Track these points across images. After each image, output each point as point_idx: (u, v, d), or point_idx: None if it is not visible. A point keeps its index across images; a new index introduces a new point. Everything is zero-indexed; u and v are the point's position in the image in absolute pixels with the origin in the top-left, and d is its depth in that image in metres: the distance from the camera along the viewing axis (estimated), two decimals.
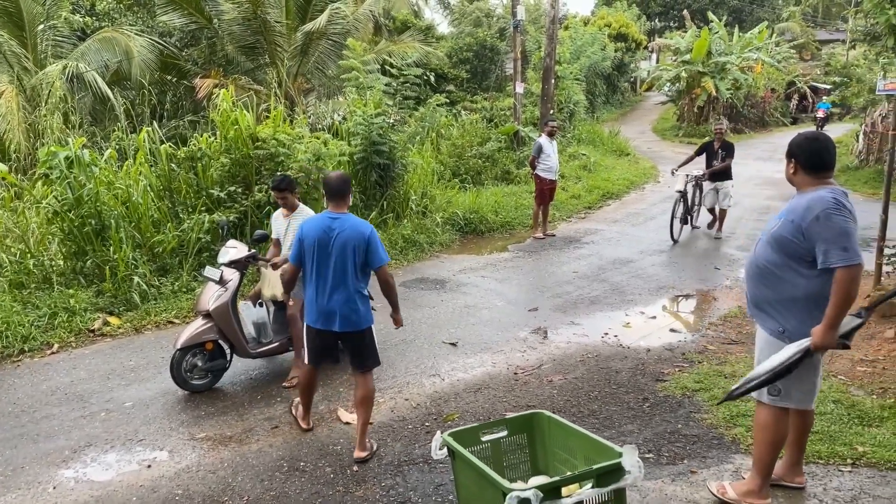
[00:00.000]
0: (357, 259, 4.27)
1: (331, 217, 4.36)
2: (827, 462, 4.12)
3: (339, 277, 4.28)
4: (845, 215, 3.28)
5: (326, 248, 4.28)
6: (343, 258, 4.25)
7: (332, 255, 4.26)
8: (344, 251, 4.25)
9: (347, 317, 4.31)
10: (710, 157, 10.83)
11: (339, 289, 4.29)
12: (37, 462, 4.52)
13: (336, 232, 4.28)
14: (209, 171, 9.00)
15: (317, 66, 17.22)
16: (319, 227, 4.35)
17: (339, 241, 4.25)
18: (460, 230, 11.23)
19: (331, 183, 4.44)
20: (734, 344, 6.43)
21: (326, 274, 4.28)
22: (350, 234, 4.27)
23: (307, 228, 4.38)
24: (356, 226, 4.33)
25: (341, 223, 4.32)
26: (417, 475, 4.23)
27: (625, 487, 2.45)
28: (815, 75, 34.06)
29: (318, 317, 4.36)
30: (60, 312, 6.96)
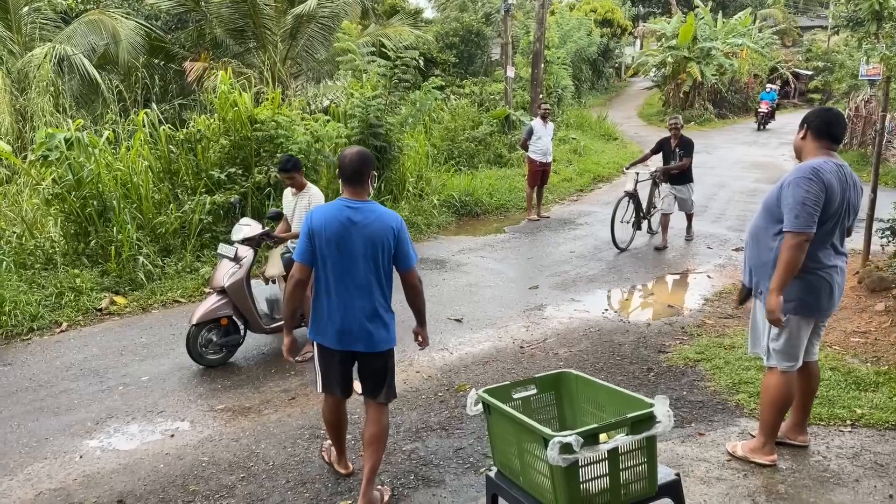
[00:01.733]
0: (385, 260, 3.44)
1: (349, 206, 3.43)
2: (828, 423, 4.32)
3: (363, 284, 3.43)
4: (811, 187, 3.44)
5: (345, 247, 3.39)
6: (368, 259, 3.40)
7: (354, 256, 3.40)
8: (369, 250, 3.39)
9: (371, 335, 3.47)
10: (667, 156, 9.51)
11: (362, 298, 3.44)
12: (60, 433, 4.60)
13: (358, 225, 3.39)
14: (208, 152, 9.03)
15: (306, 49, 17.17)
16: (335, 219, 3.41)
17: (363, 238, 3.38)
18: (456, 212, 11.36)
19: (346, 162, 3.47)
20: (731, 318, 6.63)
21: (345, 279, 3.42)
22: (377, 229, 3.39)
23: (318, 220, 3.45)
24: (383, 217, 3.45)
25: (364, 214, 3.42)
26: (436, 440, 4.38)
27: (656, 435, 2.60)
28: (797, 61, 34.48)
29: (335, 334, 3.49)
30: (67, 292, 7.01)
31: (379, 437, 3.61)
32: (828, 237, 3.58)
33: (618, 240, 9.04)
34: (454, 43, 25.09)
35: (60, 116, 12.11)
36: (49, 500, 3.84)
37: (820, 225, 3.50)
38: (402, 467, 4.05)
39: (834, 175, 3.50)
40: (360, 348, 3.51)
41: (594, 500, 2.57)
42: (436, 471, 4.01)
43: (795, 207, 3.44)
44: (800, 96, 33.37)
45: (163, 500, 3.81)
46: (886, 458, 3.85)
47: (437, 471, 4.01)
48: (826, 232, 3.56)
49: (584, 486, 2.53)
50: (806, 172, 3.48)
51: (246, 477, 4.02)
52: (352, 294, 3.44)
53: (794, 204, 3.45)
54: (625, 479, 2.61)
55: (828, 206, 3.48)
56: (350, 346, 3.50)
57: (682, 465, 3.83)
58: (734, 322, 6.48)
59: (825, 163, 3.53)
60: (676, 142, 9.32)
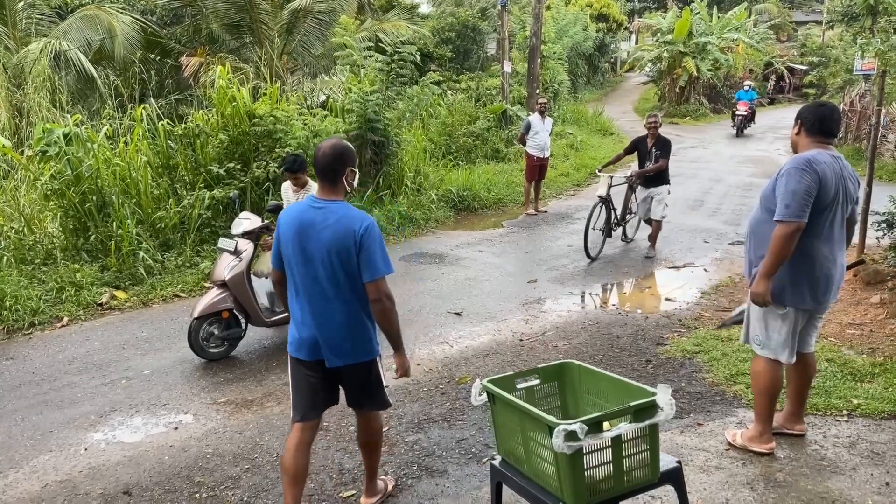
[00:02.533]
0: (345, 266, 3.07)
1: (314, 206, 3.13)
2: (825, 413, 4.38)
3: (326, 290, 3.10)
4: (803, 177, 3.48)
5: (306, 251, 3.10)
6: (327, 266, 3.07)
7: (314, 261, 3.09)
8: (325, 256, 3.06)
9: (338, 346, 3.16)
10: (643, 157, 8.77)
11: (331, 306, 3.12)
12: (64, 426, 4.63)
13: (317, 228, 3.07)
14: (207, 147, 9.05)
15: (302, 44, 17.17)
16: (298, 220, 3.13)
17: (321, 242, 3.06)
18: (454, 207, 11.40)
19: (318, 155, 3.15)
20: (728, 311, 6.68)
21: (312, 285, 3.12)
22: (334, 233, 3.04)
23: (283, 221, 3.21)
24: (345, 220, 3.06)
25: (325, 215, 3.08)
26: (438, 431, 4.42)
27: (658, 423, 2.65)
28: (792, 56, 34.58)
29: (305, 345, 3.19)
30: (67, 287, 7.03)
31: (372, 443, 3.49)
32: (824, 228, 3.61)
33: (589, 248, 8.43)
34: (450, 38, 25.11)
35: (57, 112, 12.11)
36: (55, 492, 3.87)
37: (816, 215, 3.54)
38: (406, 458, 4.10)
39: (829, 166, 3.54)
40: (333, 360, 3.18)
41: (598, 487, 2.62)
42: (439, 461, 4.06)
43: (787, 196, 3.49)
44: (794, 91, 33.49)
45: (168, 492, 3.84)
46: (883, 447, 3.91)
47: (441, 461, 4.05)
48: (822, 222, 3.59)
49: (589, 472, 2.58)
50: (799, 163, 3.53)
51: (250, 468, 4.06)
52: (320, 301, 3.12)
53: (786, 193, 3.50)
54: (628, 466, 2.66)
55: (823, 196, 3.52)
56: (320, 357, 3.18)
57: (681, 455, 3.89)
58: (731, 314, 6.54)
59: (819, 154, 3.58)
60: (653, 141, 8.56)
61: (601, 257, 8.68)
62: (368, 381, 3.33)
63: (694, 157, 17.44)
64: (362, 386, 3.33)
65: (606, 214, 8.67)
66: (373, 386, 3.35)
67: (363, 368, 3.28)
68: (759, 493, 3.50)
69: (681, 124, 24.34)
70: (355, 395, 3.37)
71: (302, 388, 3.31)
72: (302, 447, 3.30)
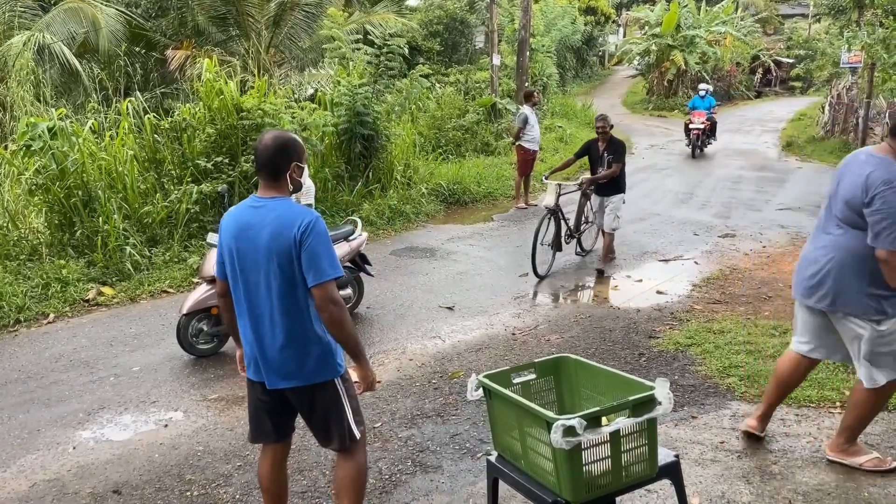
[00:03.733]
0: (286, 271, 2.72)
1: (253, 206, 2.81)
2: (818, 405, 4.39)
3: (266, 300, 2.77)
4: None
5: (245, 256, 2.77)
6: (268, 272, 2.74)
7: (252, 267, 2.76)
8: (263, 261, 2.73)
9: (281, 364, 2.78)
10: (595, 162, 7.91)
11: (268, 318, 2.78)
12: (52, 425, 4.56)
13: (254, 229, 2.75)
14: (194, 141, 8.94)
15: (289, 37, 17.03)
16: (235, 223, 2.81)
17: (259, 244, 2.73)
18: (444, 200, 11.36)
19: (259, 149, 2.82)
20: (719, 303, 6.70)
21: (254, 295, 2.79)
22: (272, 233, 2.71)
23: (223, 225, 2.89)
24: (283, 217, 2.72)
25: (263, 214, 2.76)
26: (432, 427, 4.39)
27: (657, 417, 2.63)
28: (779, 49, 34.74)
29: (249, 362, 2.90)
30: (53, 283, 6.93)
31: (346, 488, 2.93)
32: None
33: (538, 265, 7.51)
34: (438, 31, 24.98)
35: (41, 106, 11.94)
36: (44, 492, 3.81)
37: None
38: (399, 454, 4.07)
39: None
40: (274, 381, 2.81)
41: (596, 482, 2.59)
42: (433, 457, 4.03)
43: None
44: (781, 84, 33.64)
45: (159, 490, 3.79)
46: (876, 439, 3.93)
47: (435, 457, 4.02)
48: None
49: (587, 468, 2.56)
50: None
51: (242, 466, 4.01)
52: (263, 313, 2.77)
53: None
54: (626, 461, 2.63)
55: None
56: (264, 378, 2.83)
57: (676, 448, 3.87)
58: (722, 307, 6.55)
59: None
60: (605, 145, 7.81)
61: (596, 248, 8.66)
62: (324, 408, 2.86)
63: (683, 150, 17.48)
64: (317, 414, 2.88)
65: (556, 227, 7.75)
66: (329, 414, 2.86)
67: (314, 392, 2.84)
68: (754, 486, 3.50)
69: (669, 117, 24.39)
70: (315, 425, 2.92)
71: (252, 410, 3.02)
72: (275, 466, 3.07)
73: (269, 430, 2.99)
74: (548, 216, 7.69)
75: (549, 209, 7.73)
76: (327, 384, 2.86)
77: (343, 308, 2.76)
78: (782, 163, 16.10)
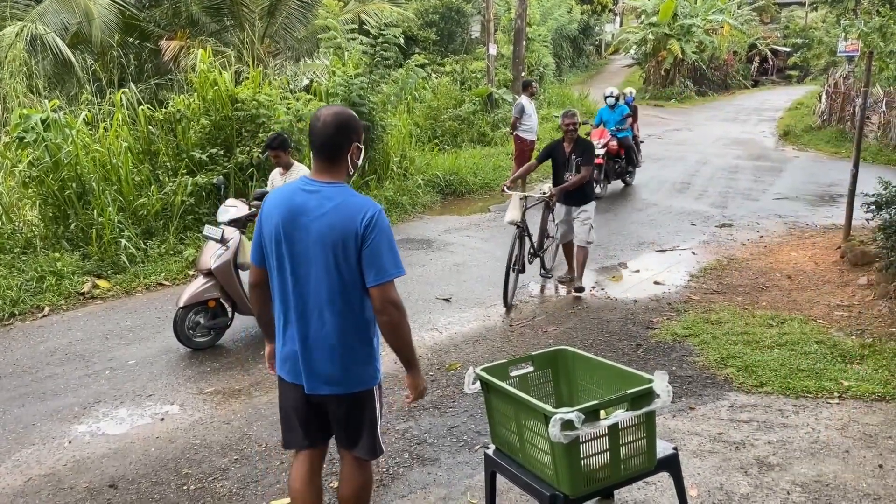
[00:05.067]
0: (343, 266, 2.47)
1: (305, 189, 2.54)
2: (816, 396, 4.39)
3: (316, 296, 2.51)
4: None
5: (294, 245, 2.51)
6: (321, 266, 2.48)
7: (306, 259, 2.50)
8: (320, 253, 2.47)
9: (324, 369, 2.55)
10: (560, 167, 6.74)
11: (316, 316, 2.52)
12: (47, 419, 4.54)
13: (310, 217, 2.48)
14: (189, 133, 8.88)
15: (284, 27, 16.90)
16: (286, 205, 2.53)
17: (314, 234, 2.47)
18: (441, 191, 11.32)
19: (318, 127, 2.51)
20: (716, 294, 6.70)
21: (300, 289, 2.53)
22: (331, 223, 2.45)
23: (268, 206, 2.61)
24: (345, 207, 2.47)
25: (321, 200, 2.49)
26: (429, 419, 4.38)
27: (655, 410, 2.61)
28: (775, 38, 34.65)
29: (285, 359, 2.64)
30: (48, 276, 6.88)
31: (359, 497, 2.75)
32: None
33: (509, 292, 6.42)
34: (434, 20, 24.86)
35: (34, 97, 11.84)
36: (39, 486, 3.79)
37: None
38: (397, 447, 4.05)
39: None
40: (314, 387, 2.57)
41: (595, 475, 2.58)
42: (430, 449, 4.02)
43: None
44: (778, 73, 33.57)
45: (155, 484, 3.77)
46: (875, 429, 3.92)
47: (432, 449, 4.01)
48: None
49: (585, 461, 2.54)
50: None
51: (239, 459, 4.00)
52: (311, 310, 2.51)
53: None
54: (625, 454, 2.62)
55: None
56: (303, 382, 2.58)
57: (674, 439, 3.87)
58: (720, 298, 6.54)
59: None
60: (571, 146, 6.65)
61: None
62: (359, 419, 2.65)
63: (680, 140, 17.45)
64: (350, 423, 2.66)
65: (520, 246, 6.51)
66: (363, 425, 2.66)
67: (354, 401, 2.62)
68: (752, 478, 3.50)
69: (666, 107, 24.34)
70: (345, 431, 2.70)
71: (284, 413, 2.76)
72: (310, 474, 2.77)
73: (304, 435, 2.74)
74: (517, 235, 6.47)
75: (516, 224, 6.46)
76: (368, 393, 2.65)
77: (404, 312, 2.54)
78: (779, 152, 16.08)
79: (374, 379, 2.67)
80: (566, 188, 6.59)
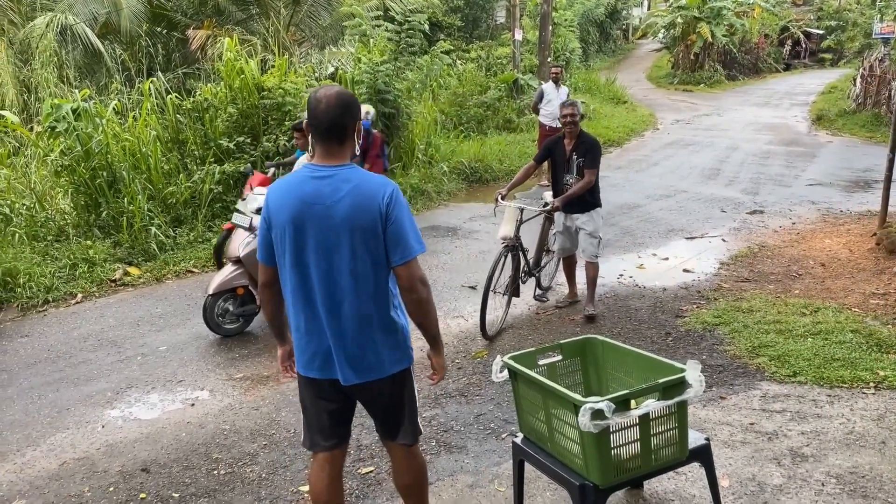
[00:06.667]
0: (370, 249, 2.41)
1: (315, 175, 2.43)
2: (851, 386, 4.29)
3: (341, 285, 2.43)
4: None
5: (311, 235, 2.41)
6: (347, 250, 2.40)
7: (324, 247, 2.41)
8: (347, 237, 2.39)
9: (361, 357, 2.49)
10: (560, 168, 5.74)
11: (345, 305, 2.44)
12: (81, 403, 4.62)
13: (325, 203, 2.39)
14: (216, 121, 8.95)
15: (309, 15, 16.92)
16: (292, 195, 2.44)
17: (335, 220, 2.38)
18: (466, 179, 11.28)
19: (320, 108, 2.40)
20: (747, 281, 6.58)
21: (322, 282, 2.43)
22: (353, 205, 2.38)
23: (274, 198, 2.49)
24: (363, 187, 2.40)
25: (335, 184, 2.40)
26: (456, 407, 4.38)
27: (687, 400, 2.57)
28: (808, 20, 33.82)
29: (312, 358, 2.54)
30: (80, 263, 7.01)
31: (415, 488, 2.75)
32: None
33: (488, 321, 5.42)
34: (459, 6, 24.69)
35: (65, 87, 12.02)
36: (73, 470, 3.86)
37: None
38: (424, 434, 4.01)
39: None
40: (351, 377, 2.49)
41: (625, 466, 2.56)
42: (457, 437, 4.01)
43: None
44: (810, 56, 32.80)
45: (186, 468, 3.83)
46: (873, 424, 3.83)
47: (459, 437, 4.01)
48: None
49: (615, 451, 2.52)
50: None
51: (268, 444, 4.04)
52: (340, 300, 2.43)
53: None
54: (655, 445, 2.59)
55: None
56: (335, 374, 2.50)
57: (705, 429, 3.82)
58: (751, 286, 6.43)
59: None
60: (573, 144, 5.65)
61: (622, 225, 8.51)
62: (400, 401, 2.61)
63: (709, 125, 17.17)
64: (391, 408, 2.61)
65: (514, 265, 5.71)
66: (405, 407, 2.63)
67: (393, 383, 2.57)
68: (786, 468, 3.44)
69: (695, 91, 23.95)
70: (384, 418, 2.65)
71: (310, 412, 2.67)
72: (334, 477, 2.69)
73: (331, 434, 2.67)
74: (504, 254, 5.56)
75: (508, 242, 5.56)
76: (405, 374, 2.61)
77: (429, 288, 2.49)
78: (812, 137, 15.74)
79: (410, 358, 2.63)
80: (569, 198, 5.52)
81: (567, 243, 6.01)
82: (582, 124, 5.78)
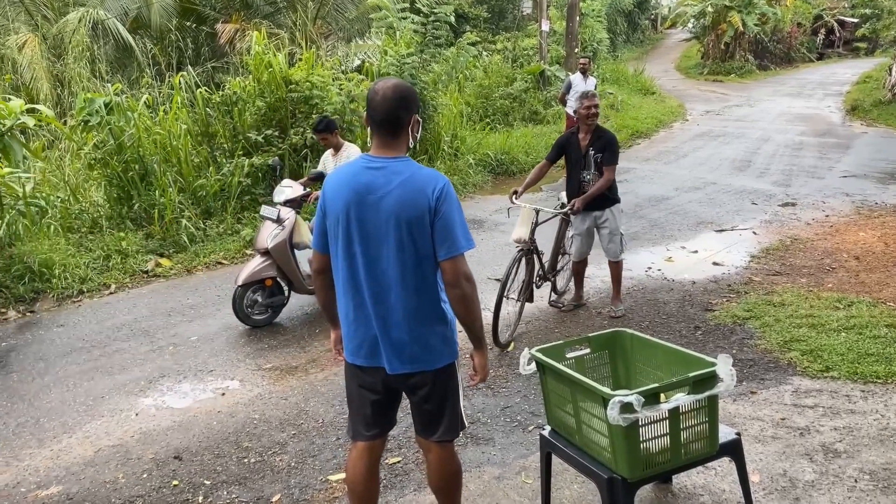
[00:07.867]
0: (416, 241, 2.42)
1: (370, 166, 2.47)
2: (885, 381, 4.21)
3: (388, 274, 2.46)
4: None
5: (363, 225, 2.45)
6: (395, 240, 2.42)
7: (376, 238, 2.44)
8: (392, 230, 2.42)
9: (405, 347, 2.51)
10: (576, 165, 5.50)
11: (391, 295, 2.47)
12: (115, 392, 4.72)
13: (377, 194, 2.42)
14: (244, 115, 9.03)
15: (336, 7, 16.99)
16: (347, 186, 2.48)
17: (384, 212, 2.41)
18: (492, 171, 11.27)
19: (378, 100, 2.44)
20: (779, 275, 6.48)
21: (368, 271, 2.47)
22: (401, 197, 2.40)
23: (330, 188, 2.55)
24: (413, 180, 2.42)
25: (388, 176, 2.44)
26: (482, 399, 4.39)
27: (718, 394, 2.55)
28: (843, 8, 33.06)
29: (360, 345, 2.57)
30: (113, 255, 7.14)
31: (446, 490, 2.74)
32: None
33: (500, 329, 5.18)
34: None
35: (97, 81, 12.23)
36: (108, 457, 3.95)
37: None
38: None
39: None
40: (396, 366, 2.52)
41: (654, 459, 2.54)
42: (484, 429, 4.02)
43: None
44: (845, 45, 32.10)
45: (218, 457, 3.89)
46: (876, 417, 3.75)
47: (486, 429, 4.02)
48: None
49: (644, 445, 2.50)
50: None
51: (297, 434, 4.08)
52: (387, 289, 2.47)
53: None
54: (685, 439, 2.57)
55: None
56: (381, 363, 2.54)
57: (735, 424, 3.78)
58: (782, 279, 6.33)
59: None
60: (589, 138, 5.40)
61: (650, 217, 8.44)
62: (443, 395, 2.60)
63: (740, 116, 16.90)
64: (432, 401, 2.60)
65: (528, 269, 5.48)
66: (446, 402, 2.62)
67: (438, 376, 2.57)
68: (818, 464, 3.39)
69: (725, 82, 23.59)
70: (424, 413, 2.64)
71: (356, 400, 2.70)
72: (372, 467, 2.74)
73: (373, 424, 2.69)
74: (517, 259, 5.32)
75: (522, 246, 5.35)
76: (449, 367, 2.61)
77: (475, 286, 2.49)
78: (846, 128, 15.41)
79: (455, 352, 2.63)
80: (589, 198, 5.26)
81: (585, 247, 5.74)
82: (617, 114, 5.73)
